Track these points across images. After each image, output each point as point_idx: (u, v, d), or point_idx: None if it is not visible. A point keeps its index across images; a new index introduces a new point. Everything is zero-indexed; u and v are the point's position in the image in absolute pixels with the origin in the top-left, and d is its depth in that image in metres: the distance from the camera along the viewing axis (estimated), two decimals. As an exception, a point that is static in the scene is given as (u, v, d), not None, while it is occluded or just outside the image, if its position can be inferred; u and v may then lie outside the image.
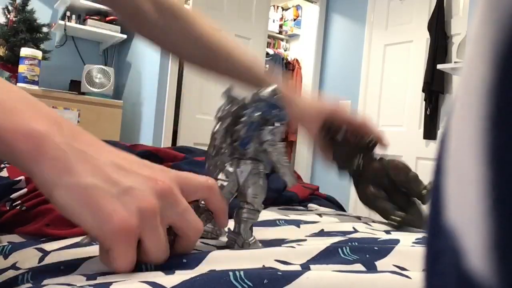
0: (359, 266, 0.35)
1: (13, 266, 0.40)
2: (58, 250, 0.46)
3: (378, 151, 0.66)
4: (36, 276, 0.33)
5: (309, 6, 4.10)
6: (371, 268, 0.34)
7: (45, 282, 0.32)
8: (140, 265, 0.32)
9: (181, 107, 3.09)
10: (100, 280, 0.30)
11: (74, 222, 0.29)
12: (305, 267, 0.34)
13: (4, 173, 0.74)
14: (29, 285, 0.32)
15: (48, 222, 0.63)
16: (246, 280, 0.26)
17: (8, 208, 0.65)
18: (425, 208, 0.60)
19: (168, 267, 0.32)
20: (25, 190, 0.68)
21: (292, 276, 0.27)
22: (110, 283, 0.27)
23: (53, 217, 0.64)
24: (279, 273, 0.27)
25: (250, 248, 0.39)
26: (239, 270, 0.27)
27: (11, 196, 0.67)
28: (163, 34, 0.74)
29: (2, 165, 0.88)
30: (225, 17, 3.28)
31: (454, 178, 0.13)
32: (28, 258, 0.43)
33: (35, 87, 2.60)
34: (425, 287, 0.15)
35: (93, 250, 0.45)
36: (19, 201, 0.66)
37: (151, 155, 0.96)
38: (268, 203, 1.15)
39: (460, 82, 0.14)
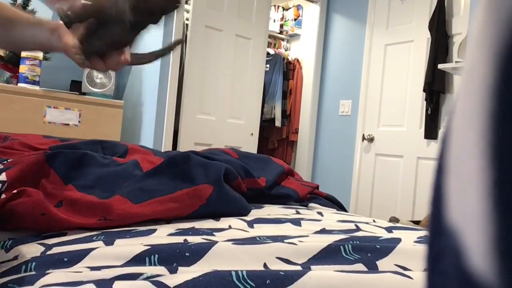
0: (360, 266, 0.35)
1: (15, 258, 0.40)
2: (61, 244, 0.46)
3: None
4: (40, 266, 0.34)
5: (310, 6, 4.10)
6: (372, 268, 0.34)
7: (49, 272, 0.32)
8: (144, 259, 0.32)
9: (182, 107, 3.09)
10: (104, 272, 0.30)
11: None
12: (306, 267, 0.34)
13: (3, 177, 0.74)
14: (33, 273, 0.32)
15: (44, 212, 0.64)
16: (248, 281, 0.26)
17: None
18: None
19: (170, 261, 0.32)
20: (4, 174, 0.69)
21: (295, 276, 0.27)
22: (113, 281, 0.27)
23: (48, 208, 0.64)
24: (281, 273, 0.27)
25: None
26: (241, 270, 0.27)
27: None
28: None
29: (1, 166, 0.89)
30: (225, 17, 3.28)
31: (455, 177, 0.13)
32: (30, 252, 0.43)
33: (36, 87, 2.60)
34: (427, 286, 0.15)
35: (96, 245, 0.45)
36: (3, 188, 0.67)
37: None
38: (267, 201, 1.15)
39: (461, 81, 0.14)
